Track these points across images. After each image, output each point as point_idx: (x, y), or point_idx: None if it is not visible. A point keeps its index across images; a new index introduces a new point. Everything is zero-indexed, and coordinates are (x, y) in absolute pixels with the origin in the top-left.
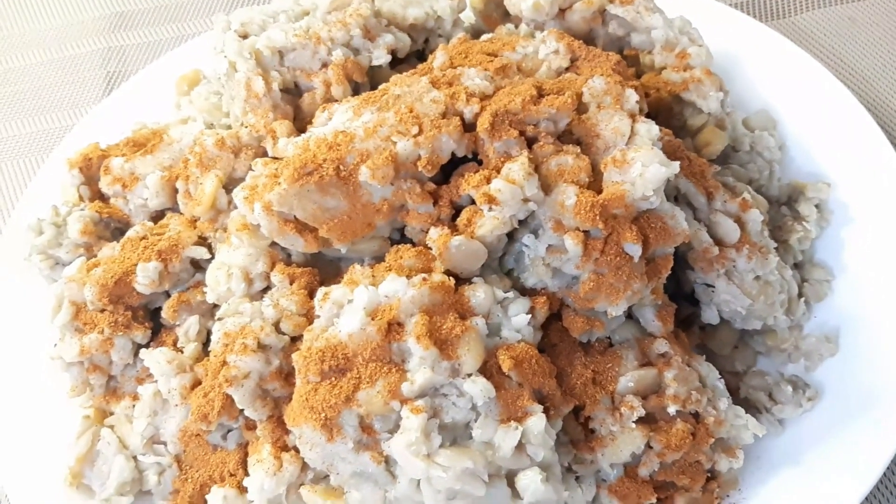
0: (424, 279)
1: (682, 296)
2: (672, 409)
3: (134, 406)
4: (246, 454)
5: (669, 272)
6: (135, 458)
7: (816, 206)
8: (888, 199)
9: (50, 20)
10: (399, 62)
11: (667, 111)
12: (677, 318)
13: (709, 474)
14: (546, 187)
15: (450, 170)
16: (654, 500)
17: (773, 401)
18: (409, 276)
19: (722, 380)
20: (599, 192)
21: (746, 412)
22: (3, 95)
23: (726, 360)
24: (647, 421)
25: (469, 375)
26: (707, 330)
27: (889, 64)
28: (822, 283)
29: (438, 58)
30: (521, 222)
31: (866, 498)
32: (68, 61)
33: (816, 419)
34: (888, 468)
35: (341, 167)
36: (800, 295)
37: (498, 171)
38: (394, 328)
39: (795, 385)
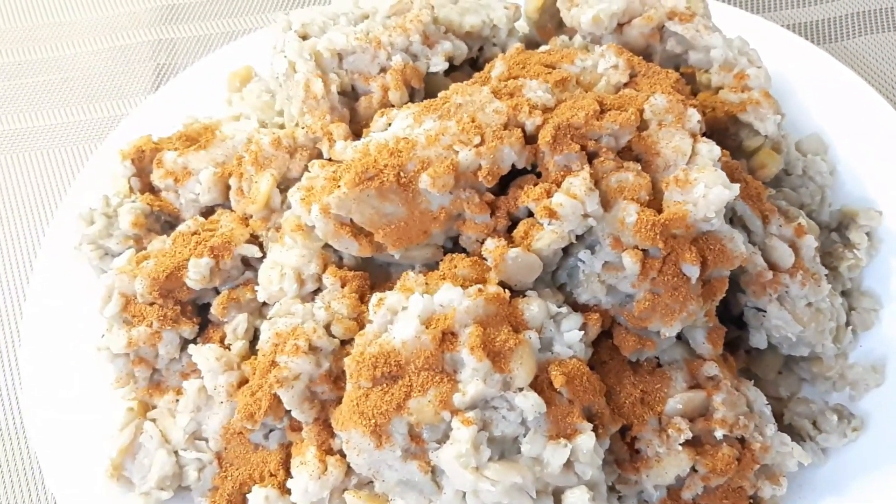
0: (480, 290)
1: (728, 318)
2: (719, 434)
3: (177, 400)
4: (287, 455)
5: None
6: (176, 452)
7: (867, 234)
8: None
9: (101, 10)
10: (453, 69)
11: (722, 131)
12: (724, 342)
13: (751, 500)
14: (605, 203)
15: (507, 181)
16: None
17: (817, 429)
18: (463, 286)
19: (769, 406)
20: (658, 210)
21: (791, 440)
22: (53, 82)
23: (770, 385)
24: (693, 444)
25: (520, 389)
26: (752, 354)
27: None
28: (870, 311)
29: (497, 67)
30: (577, 237)
31: None
32: (118, 51)
33: (860, 450)
34: None
35: (402, 174)
36: (847, 323)
37: (558, 185)
38: (448, 338)
39: (840, 414)
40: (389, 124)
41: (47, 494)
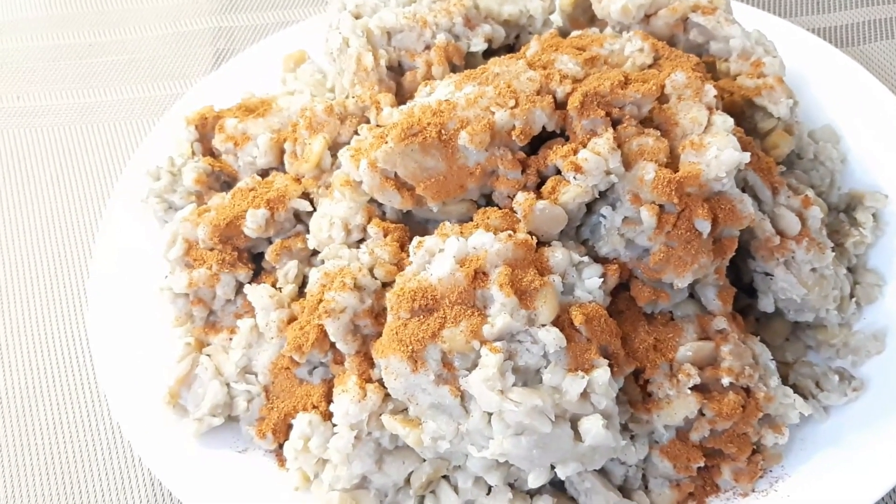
0: (510, 235)
1: (740, 287)
2: (726, 381)
3: (230, 339)
4: (329, 389)
5: (731, 260)
6: (228, 384)
7: (873, 214)
8: None
9: None
10: (492, 53)
11: (739, 114)
12: (735, 308)
13: (755, 447)
14: (627, 164)
15: (538, 145)
16: (703, 464)
17: (819, 388)
18: (494, 234)
19: (774, 361)
20: (675, 171)
21: None
22: (120, 62)
23: (778, 350)
24: (701, 390)
25: (543, 325)
26: (762, 321)
27: None
28: (874, 287)
29: (532, 47)
30: (600, 194)
31: None
32: (181, 36)
33: (860, 409)
34: None
35: (443, 131)
36: (851, 295)
37: (584, 146)
38: (479, 276)
39: (842, 376)
40: (432, 93)
41: (112, 423)
